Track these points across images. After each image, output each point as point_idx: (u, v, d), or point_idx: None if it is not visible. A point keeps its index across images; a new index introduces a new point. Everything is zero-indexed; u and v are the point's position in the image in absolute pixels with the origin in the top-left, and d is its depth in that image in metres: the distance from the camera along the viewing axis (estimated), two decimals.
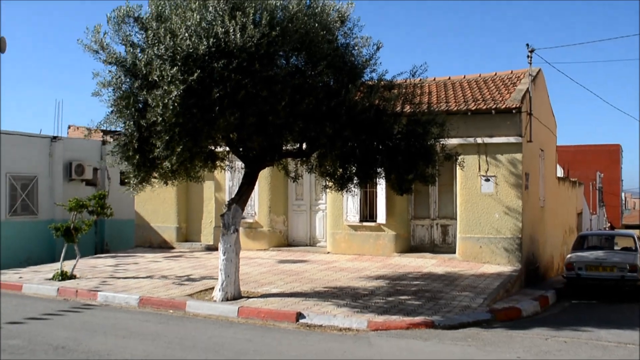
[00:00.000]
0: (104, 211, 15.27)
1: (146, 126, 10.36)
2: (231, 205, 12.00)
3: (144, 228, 21.44)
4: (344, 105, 10.74)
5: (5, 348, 8.46)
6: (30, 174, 21.53)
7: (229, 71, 9.65)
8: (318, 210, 18.84)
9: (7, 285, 14.48)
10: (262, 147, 11.74)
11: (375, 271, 14.90)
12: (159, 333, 9.58)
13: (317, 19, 10.65)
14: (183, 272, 15.45)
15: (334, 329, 9.95)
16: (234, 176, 18.16)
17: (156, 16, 10.39)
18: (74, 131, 28.92)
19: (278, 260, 16.94)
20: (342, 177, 12.30)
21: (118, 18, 10.64)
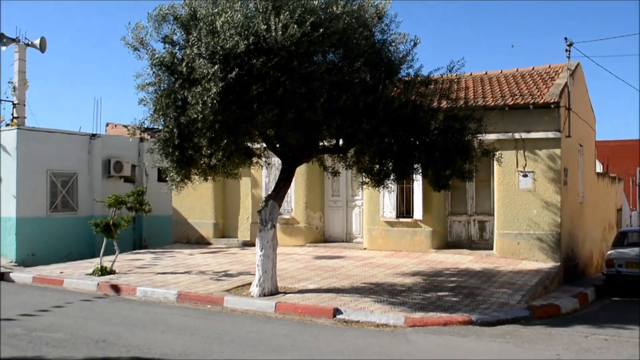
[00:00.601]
0: (143, 207, 15.46)
1: (186, 124, 10.46)
2: (268, 202, 12.06)
3: (181, 224, 21.66)
4: (381, 101, 10.72)
5: (48, 341, 8.63)
6: (70, 171, 21.84)
7: (267, 68, 9.70)
8: (354, 207, 18.85)
9: (48, 280, 14.76)
10: (299, 143, 11.78)
11: (412, 267, 14.86)
12: (197, 328, 9.68)
13: (355, 16, 10.65)
14: (220, 267, 15.57)
15: (371, 325, 9.96)
16: (270, 172, 18.24)
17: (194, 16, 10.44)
18: (112, 129, 29.29)
19: (314, 256, 16.98)
20: (379, 173, 12.28)
21: (159, 16, 10.74)
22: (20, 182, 20.20)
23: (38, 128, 21.91)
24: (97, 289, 13.62)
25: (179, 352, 8.07)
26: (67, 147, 21.78)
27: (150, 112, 11.02)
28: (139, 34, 10.80)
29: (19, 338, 8.84)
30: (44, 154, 20.81)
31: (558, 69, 17.67)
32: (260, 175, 19.42)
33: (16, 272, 16.07)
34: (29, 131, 21.09)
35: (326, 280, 13.30)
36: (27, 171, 20.37)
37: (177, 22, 10.76)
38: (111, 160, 22.73)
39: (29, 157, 20.38)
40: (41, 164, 20.74)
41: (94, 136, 22.64)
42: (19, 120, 23.21)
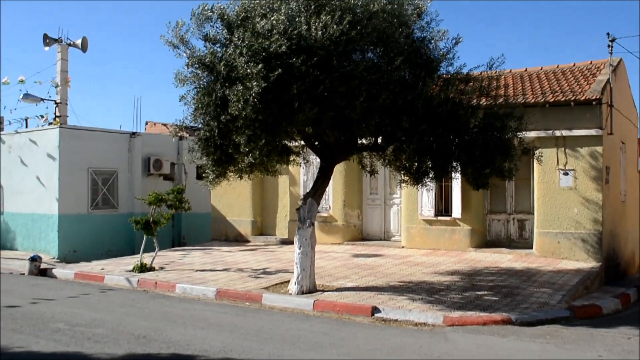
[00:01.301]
0: (182, 205, 15.62)
1: (226, 122, 10.53)
2: (307, 199, 12.09)
3: (220, 221, 21.81)
4: (421, 99, 10.67)
5: (90, 336, 8.77)
6: (110, 169, 22.15)
7: (307, 67, 9.72)
8: (392, 205, 18.79)
9: (90, 276, 15.00)
10: (338, 141, 11.79)
11: (450, 266, 14.78)
12: (237, 325, 9.74)
13: (395, 14, 10.61)
14: (259, 265, 15.65)
15: (409, 324, 9.93)
16: (308, 170, 18.28)
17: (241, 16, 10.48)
18: (151, 127, 29.61)
19: (352, 254, 16.97)
20: (418, 171, 12.23)
21: (202, 14, 10.81)
22: (62, 180, 20.55)
23: (80, 127, 22.30)
24: (137, 286, 13.80)
25: (219, 349, 8.13)
26: (108, 145, 22.11)
27: (190, 110, 11.13)
28: (179, 31, 10.89)
29: (62, 333, 9.00)
30: (86, 152, 21.16)
31: (600, 65, 17.39)
32: (298, 173, 19.48)
33: (58, 268, 16.37)
34: (71, 130, 21.47)
35: (364, 279, 13.29)
36: (69, 169, 20.71)
37: (222, 21, 10.81)
38: (151, 158, 23.01)
39: (70, 155, 20.72)
40: (83, 162, 21.09)
41: (134, 134, 22.92)
42: (61, 119, 23.59)
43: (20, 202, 22.03)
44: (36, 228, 21.33)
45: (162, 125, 28.69)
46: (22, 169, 22.02)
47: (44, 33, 23.61)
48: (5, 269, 16.98)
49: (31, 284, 14.47)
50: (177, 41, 10.92)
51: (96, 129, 22.28)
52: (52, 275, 15.85)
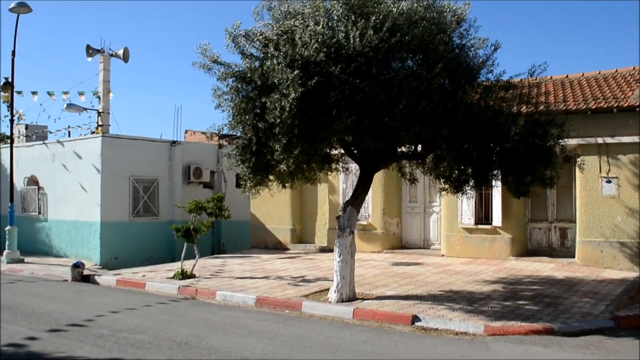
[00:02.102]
0: (222, 213, 15.72)
1: (264, 129, 10.60)
2: (347, 208, 12.09)
3: (259, 229, 21.93)
4: (461, 107, 10.61)
5: (133, 342, 8.88)
6: (151, 177, 22.43)
7: (346, 75, 9.74)
8: (432, 213, 18.71)
9: (131, 283, 15.17)
10: (377, 149, 11.78)
11: (490, 275, 14.65)
12: (277, 332, 9.77)
13: (434, 22, 10.58)
14: (298, 273, 15.70)
15: (450, 333, 9.85)
16: (347, 178, 18.30)
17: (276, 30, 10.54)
18: (190, 135, 29.93)
19: (392, 262, 16.93)
20: (458, 179, 12.16)
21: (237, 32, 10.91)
22: (105, 187, 20.87)
23: (121, 135, 22.62)
24: (178, 293, 13.91)
25: (259, 356, 8.16)
26: (149, 154, 22.40)
27: (228, 119, 11.24)
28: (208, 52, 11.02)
29: (105, 339, 9.13)
30: (127, 161, 21.46)
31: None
32: (337, 181, 19.51)
33: (101, 275, 16.56)
34: (113, 138, 21.79)
35: (404, 287, 13.24)
36: (111, 177, 21.03)
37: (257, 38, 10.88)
38: (191, 166, 23.25)
39: (112, 164, 21.03)
40: (124, 170, 21.39)
41: (175, 143, 23.19)
42: (104, 128, 23.98)
43: (64, 210, 22.42)
44: (79, 235, 21.67)
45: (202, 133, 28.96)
46: (65, 177, 22.41)
47: (87, 44, 24.08)
48: (49, 275, 17.28)
49: (75, 290, 14.69)
50: (210, 62, 11.05)
51: (137, 138, 22.60)
52: (94, 281, 16.06)
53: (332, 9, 10.33)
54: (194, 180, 23.39)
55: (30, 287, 15.17)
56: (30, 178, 24.15)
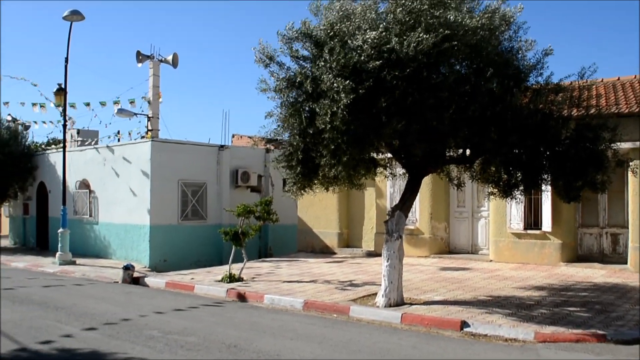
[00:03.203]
0: (270, 217, 15.80)
1: (312, 135, 10.63)
2: (395, 212, 12.06)
3: (306, 233, 22.00)
4: (510, 111, 10.51)
5: (183, 344, 8.99)
6: (200, 181, 22.66)
7: (397, 80, 9.71)
8: (480, 218, 18.56)
9: (180, 286, 15.35)
10: (425, 153, 11.72)
11: (540, 281, 14.46)
12: (325, 336, 9.79)
13: (486, 27, 10.49)
14: (345, 277, 15.70)
15: (499, 339, 9.74)
16: (395, 183, 18.24)
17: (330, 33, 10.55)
18: (237, 140, 30.18)
19: (439, 267, 16.83)
20: (507, 183, 12.05)
21: (289, 34, 10.97)
22: (154, 191, 21.15)
23: (170, 140, 22.91)
24: (226, 296, 14.03)
25: None
26: (197, 158, 22.64)
27: (275, 125, 11.31)
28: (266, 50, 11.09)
29: (155, 340, 9.27)
30: (176, 165, 21.72)
31: None
32: (384, 186, 19.48)
33: (150, 277, 16.80)
34: (162, 143, 22.08)
35: (452, 292, 13.15)
36: (160, 181, 21.30)
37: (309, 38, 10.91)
38: (239, 170, 23.42)
39: (162, 168, 21.30)
40: (173, 174, 21.65)
41: (223, 147, 23.39)
42: (153, 132, 24.31)
43: (114, 213, 22.79)
44: (128, 238, 22.01)
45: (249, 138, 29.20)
46: (116, 181, 22.79)
47: (137, 50, 24.42)
48: (100, 277, 17.58)
49: (125, 291, 14.93)
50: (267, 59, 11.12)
51: (186, 142, 22.88)
52: (144, 283, 16.30)
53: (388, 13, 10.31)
54: (241, 184, 23.56)
55: (82, 288, 15.46)
56: (81, 182, 24.62)
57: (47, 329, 10.13)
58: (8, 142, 26.80)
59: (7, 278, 17.11)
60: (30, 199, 28.53)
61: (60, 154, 23.94)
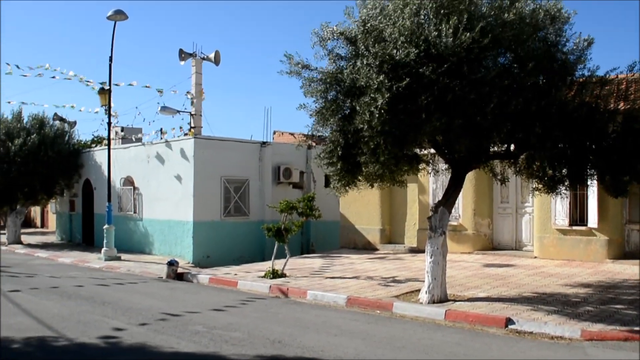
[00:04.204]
0: (313, 213, 15.82)
1: (352, 132, 10.63)
2: (438, 208, 11.99)
3: (348, 229, 22.00)
4: (555, 105, 10.36)
5: (227, 339, 9.06)
6: (242, 177, 22.81)
7: (437, 75, 9.64)
8: (524, 214, 18.34)
9: (224, 281, 15.46)
10: (468, 149, 11.62)
11: (586, 278, 14.24)
12: (368, 332, 9.78)
13: (527, 21, 10.36)
14: (388, 273, 15.66)
15: (544, 337, 9.61)
16: (437, 179, 18.13)
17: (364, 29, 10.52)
18: (278, 136, 30.27)
19: (483, 263, 16.69)
20: (552, 178, 11.88)
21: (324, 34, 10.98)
22: (197, 188, 21.34)
23: (213, 137, 23.08)
24: (269, 291, 14.09)
25: (352, 356, 8.20)
26: (240, 155, 22.79)
27: (314, 122, 11.33)
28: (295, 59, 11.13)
29: (201, 335, 9.35)
30: (219, 161, 21.89)
31: None
32: (427, 182, 19.37)
33: (194, 272, 16.94)
34: (205, 140, 22.26)
35: (496, 289, 13.03)
36: (203, 178, 21.49)
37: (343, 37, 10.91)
38: (280, 167, 23.51)
39: (205, 165, 21.49)
40: (216, 170, 21.82)
41: (265, 144, 23.51)
42: (196, 129, 24.49)
43: (158, 209, 23.06)
44: (172, 234, 22.25)
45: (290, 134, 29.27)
46: (159, 178, 23.05)
47: (179, 48, 24.62)
48: (144, 273, 17.81)
49: (170, 287, 15.09)
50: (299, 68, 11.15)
51: (228, 139, 23.03)
52: (188, 279, 16.45)
53: (421, 7, 10.24)
54: (283, 180, 23.66)
55: (127, 283, 15.67)
56: (126, 179, 24.96)
57: (95, 324, 10.30)
58: (55, 140, 27.29)
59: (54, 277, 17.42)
60: (76, 195, 29.04)
61: (105, 151, 24.32)
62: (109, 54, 22.02)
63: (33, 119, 27.84)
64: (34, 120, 27.71)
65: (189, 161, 21.58)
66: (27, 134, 26.48)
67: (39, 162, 26.09)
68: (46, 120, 28.27)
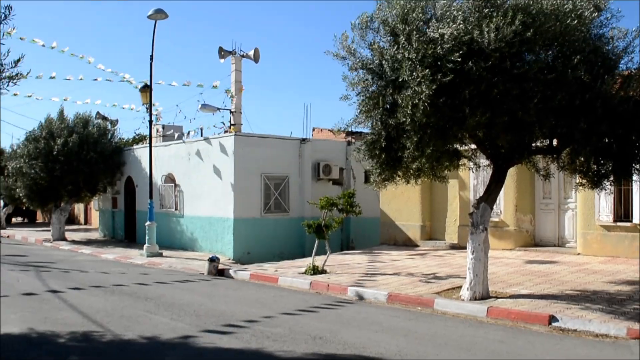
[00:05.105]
0: (353, 209, 15.79)
1: (394, 126, 10.58)
2: (480, 204, 11.88)
3: (388, 226, 21.92)
4: (599, 99, 10.17)
5: (269, 335, 9.11)
6: (282, 174, 22.86)
7: (480, 70, 9.55)
8: (567, 209, 18.07)
9: (264, 277, 15.54)
10: (510, 144, 11.49)
11: (631, 275, 13.98)
12: (410, 329, 9.74)
13: (571, 15, 10.18)
14: (429, 269, 15.58)
15: (589, 335, 9.46)
16: (478, 174, 17.95)
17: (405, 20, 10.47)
18: (317, 133, 30.30)
19: (525, 260, 16.50)
20: (597, 174, 11.66)
21: (362, 24, 10.94)
22: (237, 185, 21.45)
23: (253, 134, 23.22)
24: (310, 288, 14.12)
25: (394, 352, 8.17)
26: (280, 152, 22.84)
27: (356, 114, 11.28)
28: (345, 43, 11.08)
29: (242, 331, 9.42)
30: (259, 158, 21.97)
31: None
32: (468, 177, 19.21)
33: (235, 269, 17.06)
34: (245, 137, 22.39)
35: (539, 286, 12.87)
36: (244, 175, 21.60)
37: (384, 26, 10.85)
38: (320, 163, 23.51)
39: (245, 162, 21.59)
40: (256, 167, 21.91)
41: (304, 140, 23.54)
42: (236, 127, 24.66)
43: (199, 206, 23.25)
44: (213, 230, 22.41)
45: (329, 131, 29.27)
46: (200, 174, 23.24)
47: (219, 46, 24.82)
48: (186, 269, 17.97)
49: (211, 283, 15.23)
50: (345, 52, 11.12)
51: (268, 136, 23.12)
52: (229, 275, 16.56)
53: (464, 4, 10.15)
54: (323, 177, 23.65)
55: (169, 279, 15.83)
56: (167, 176, 25.21)
57: (138, 319, 10.42)
58: (98, 139, 27.68)
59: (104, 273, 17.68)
60: (119, 193, 29.42)
61: (146, 149, 24.58)
62: (150, 53, 22.29)
63: (77, 118, 28.26)
64: (78, 120, 28.14)
65: (229, 158, 21.70)
66: (70, 133, 26.89)
67: (81, 160, 26.49)
68: (90, 119, 28.69)
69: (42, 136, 26.87)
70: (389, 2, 10.83)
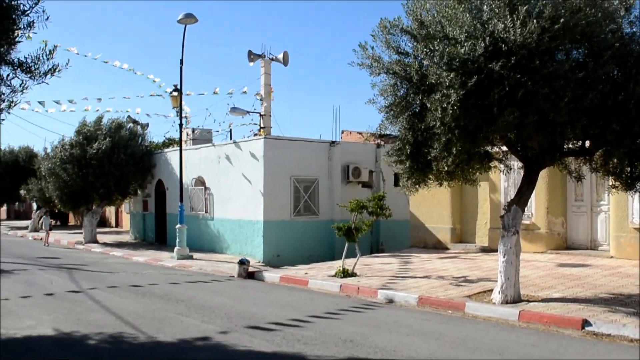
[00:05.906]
0: (383, 212, 15.74)
1: (422, 129, 10.54)
2: (511, 206, 11.77)
3: (418, 228, 21.82)
4: (632, 99, 10.02)
5: (300, 338, 9.10)
6: (311, 177, 22.88)
7: (507, 70, 9.47)
8: (600, 212, 17.84)
9: (294, 280, 15.55)
10: (541, 146, 11.36)
11: None
12: (441, 332, 9.68)
13: (600, 9, 10.05)
14: (459, 273, 15.47)
15: (623, 340, 9.31)
16: (509, 177, 17.81)
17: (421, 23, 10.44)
18: (346, 136, 30.30)
19: (557, 263, 16.32)
20: (631, 176, 11.48)
21: (383, 31, 10.92)
22: (267, 187, 21.52)
23: (282, 137, 23.26)
24: (340, 291, 14.10)
25: (426, 356, 8.13)
26: (309, 154, 22.86)
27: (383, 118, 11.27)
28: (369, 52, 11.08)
29: (273, 333, 9.43)
30: (288, 161, 22.02)
31: None
32: (498, 180, 19.06)
33: (264, 271, 17.11)
34: (274, 140, 22.44)
35: (571, 290, 12.71)
36: (273, 177, 21.65)
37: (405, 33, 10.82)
38: (349, 166, 23.50)
39: (274, 164, 21.65)
40: (285, 170, 21.96)
41: (334, 143, 23.54)
42: (266, 130, 24.73)
43: (229, 209, 23.36)
44: (243, 233, 22.50)
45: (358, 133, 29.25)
46: (230, 178, 23.34)
47: (248, 50, 24.92)
48: (216, 271, 18.05)
49: (241, 285, 15.28)
50: (370, 61, 11.11)
51: (298, 139, 23.14)
52: (259, 278, 16.61)
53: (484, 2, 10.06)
54: (352, 179, 23.64)
55: (199, 281, 15.92)
56: (197, 179, 25.37)
57: (169, 321, 10.49)
58: (129, 142, 27.95)
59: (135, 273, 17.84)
60: (149, 196, 29.68)
61: (176, 152, 24.74)
62: (180, 57, 22.45)
63: (112, 122, 28.60)
64: (113, 124, 28.47)
65: (258, 161, 21.77)
66: (104, 137, 27.21)
67: (112, 163, 26.79)
68: (123, 124, 29.01)
69: (78, 141, 27.22)
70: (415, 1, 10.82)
